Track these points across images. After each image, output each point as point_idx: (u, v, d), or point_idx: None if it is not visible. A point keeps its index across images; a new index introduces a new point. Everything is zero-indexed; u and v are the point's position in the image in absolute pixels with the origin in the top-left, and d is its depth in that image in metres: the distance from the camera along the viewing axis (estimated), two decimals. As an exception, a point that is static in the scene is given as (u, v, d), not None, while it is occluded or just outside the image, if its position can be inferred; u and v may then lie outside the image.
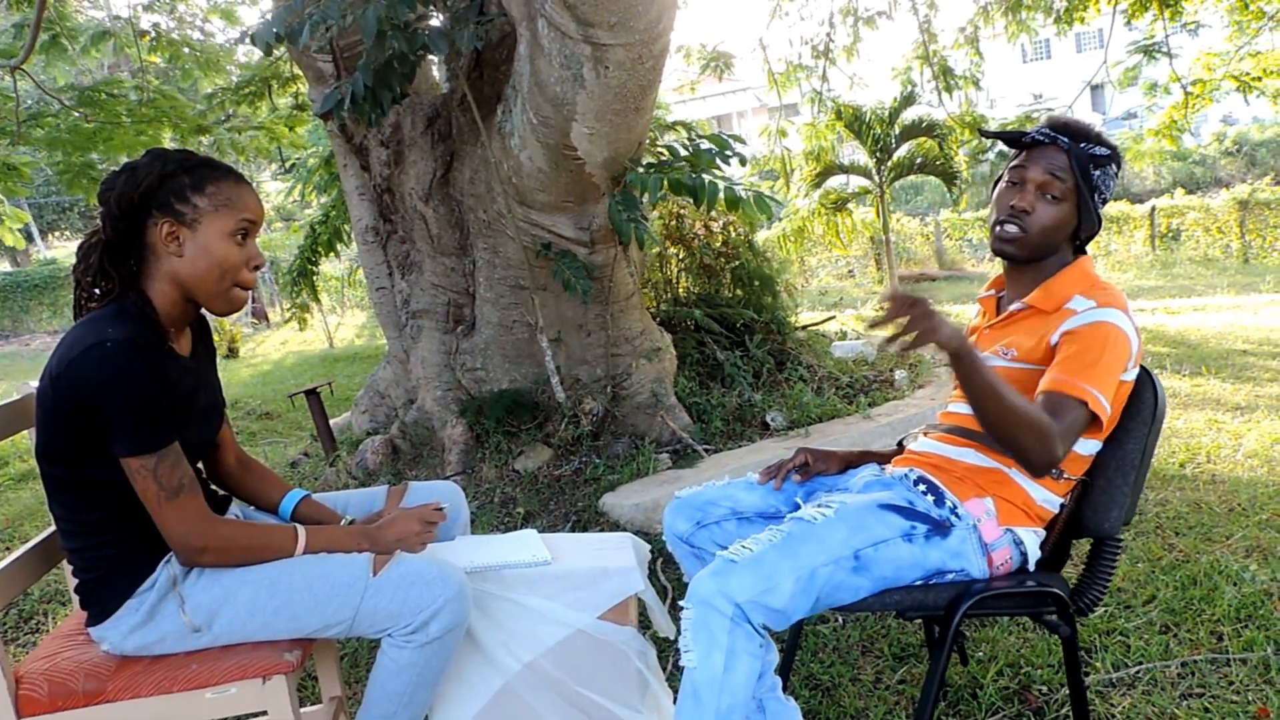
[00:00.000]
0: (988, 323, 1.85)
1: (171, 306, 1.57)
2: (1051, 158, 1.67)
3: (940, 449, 1.79)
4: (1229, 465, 3.68)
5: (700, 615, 1.49)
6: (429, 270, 4.29)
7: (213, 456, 1.84)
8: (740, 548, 1.55)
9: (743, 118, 33.71)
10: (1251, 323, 7.89)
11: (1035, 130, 1.71)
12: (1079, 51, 29.07)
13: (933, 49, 8.16)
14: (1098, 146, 1.67)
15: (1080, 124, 1.70)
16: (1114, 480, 1.68)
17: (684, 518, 1.91)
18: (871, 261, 18.06)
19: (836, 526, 1.57)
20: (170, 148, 1.75)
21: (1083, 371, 1.56)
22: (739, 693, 1.47)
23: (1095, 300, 1.63)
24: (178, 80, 7.80)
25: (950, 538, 1.62)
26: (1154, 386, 1.68)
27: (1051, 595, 1.67)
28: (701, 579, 1.52)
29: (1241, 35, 9.54)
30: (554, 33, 3.17)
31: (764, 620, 1.50)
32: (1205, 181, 23.09)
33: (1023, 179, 1.70)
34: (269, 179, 21.35)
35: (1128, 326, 1.61)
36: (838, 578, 1.54)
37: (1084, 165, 1.66)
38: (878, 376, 5.15)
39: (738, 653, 1.47)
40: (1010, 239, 1.71)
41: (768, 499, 1.91)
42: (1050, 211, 1.68)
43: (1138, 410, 1.68)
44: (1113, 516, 1.68)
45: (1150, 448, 1.69)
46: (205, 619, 1.54)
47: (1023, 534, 1.68)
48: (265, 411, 7.49)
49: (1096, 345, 1.58)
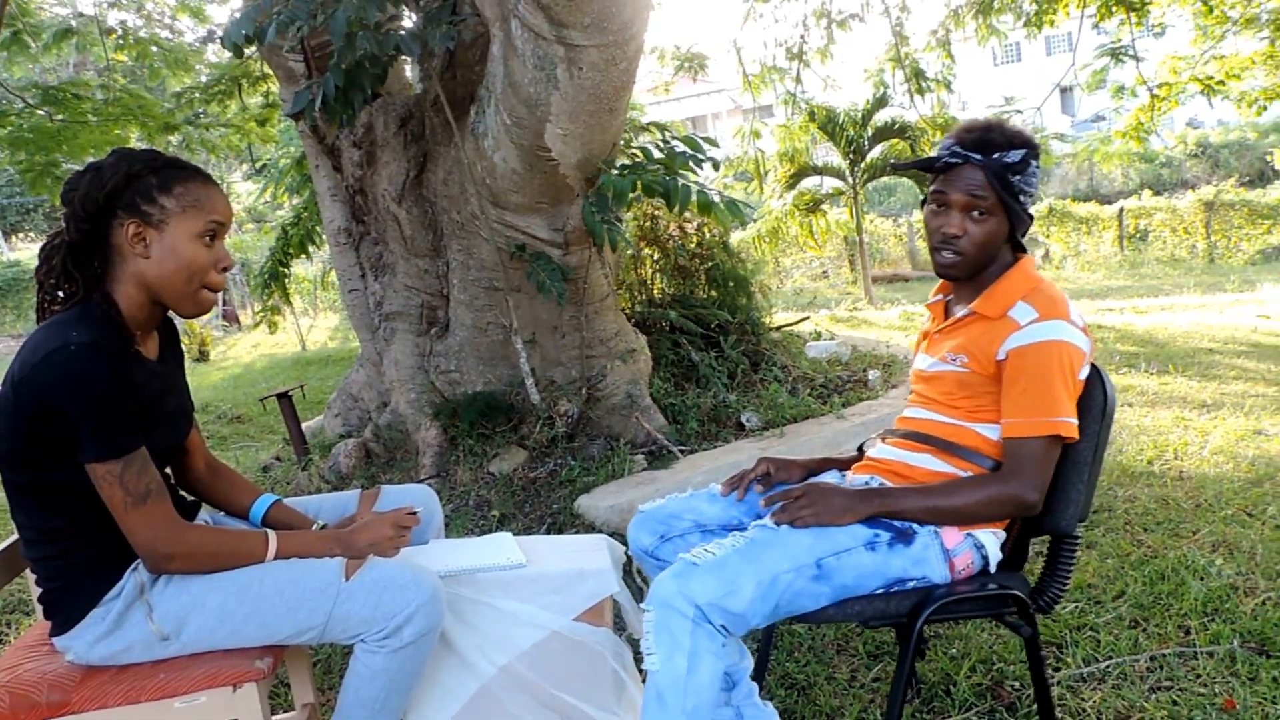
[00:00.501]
0: (937, 327, 1.86)
1: (137, 309, 1.55)
2: (968, 177, 1.65)
3: (899, 455, 1.81)
4: (1196, 462, 3.73)
5: (661, 617, 1.49)
6: (402, 272, 4.25)
7: (181, 461, 1.81)
8: (703, 551, 1.56)
9: (717, 119, 33.78)
10: (1217, 322, 8.02)
11: (945, 153, 1.69)
12: (1049, 55, 29.40)
13: (905, 51, 8.22)
14: (1010, 152, 1.64)
15: (990, 132, 1.67)
16: (1069, 479, 1.69)
17: (648, 531, 1.91)
18: (845, 262, 18.17)
19: (800, 534, 1.59)
20: (137, 148, 1.72)
21: (1042, 407, 1.58)
22: (704, 693, 1.47)
23: (1037, 310, 1.62)
24: (145, 79, 7.70)
25: (913, 545, 1.63)
26: (1103, 384, 1.69)
27: (1012, 597, 1.69)
28: (662, 581, 1.52)
29: (1206, 39, 9.70)
30: (527, 33, 3.16)
31: (723, 622, 1.50)
32: (1172, 183, 23.44)
33: (945, 202, 1.69)
34: (240, 179, 21.13)
35: (1074, 336, 1.61)
36: (798, 584, 1.55)
37: (1001, 176, 1.64)
38: (851, 377, 5.18)
39: (700, 653, 1.47)
40: (950, 264, 1.72)
41: (730, 510, 1.90)
42: (980, 229, 1.67)
43: (1088, 408, 1.69)
44: (1069, 514, 1.69)
45: (1102, 444, 1.70)
46: (174, 627, 1.52)
47: (983, 537, 1.69)
48: (236, 415, 7.41)
49: (1047, 372, 1.59)
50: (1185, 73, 9.68)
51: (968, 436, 1.71)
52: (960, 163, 1.66)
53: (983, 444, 1.69)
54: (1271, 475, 3.45)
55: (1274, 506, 3.10)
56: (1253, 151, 23.21)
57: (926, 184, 11.52)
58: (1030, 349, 1.60)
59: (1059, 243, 19.35)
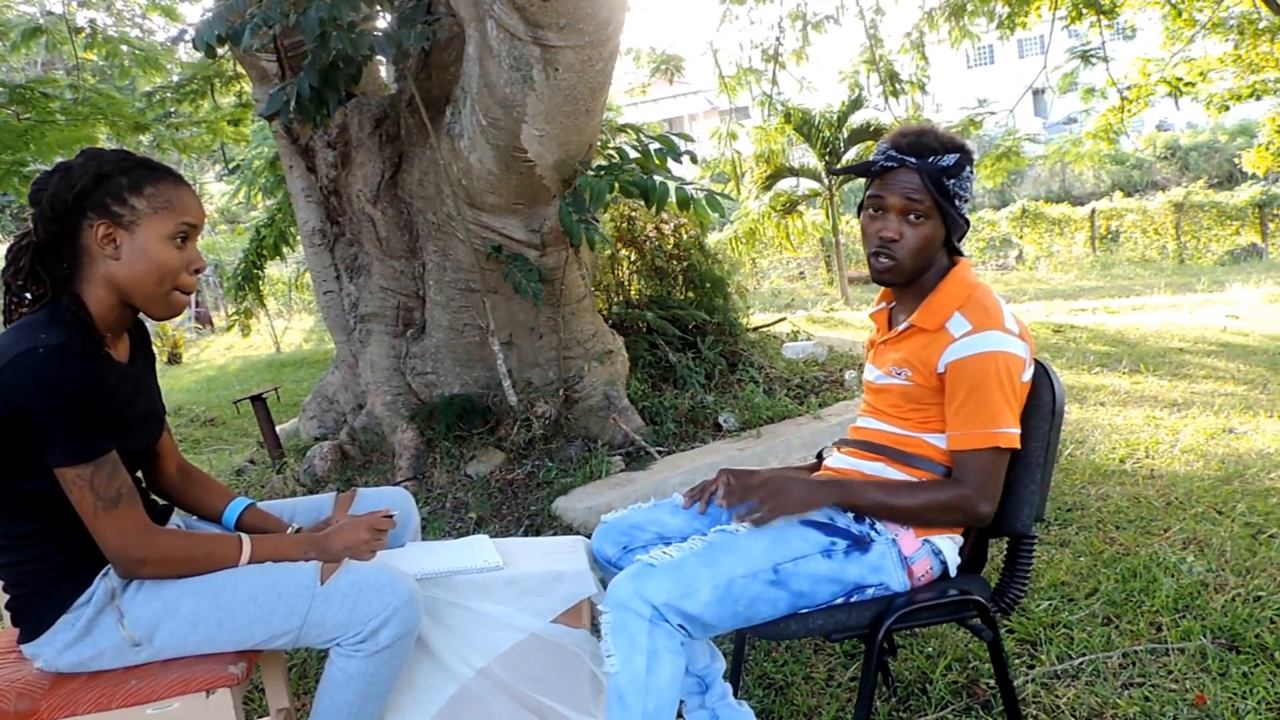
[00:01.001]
0: (882, 338, 1.86)
1: (107, 311, 1.53)
2: (904, 181, 1.66)
3: (854, 464, 1.81)
4: (1167, 460, 3.78)
5: (618, 619, 1.49)
6: (378, 273, 4.23)
7: (153, 465, 1.79)
8: (661, 553, 1.57)
9: (694, 120, 33.85)
10: (1187, 321, 8.14)
11: (881, 155, 1.69)
12: (1021, 57, 29.68)
13: (879, 54, 8.27)
14: (944, 156, 1.65)
15: (924, 136, 1.68)
16: (1022, 480, 1.70)
17: (610, 542, 1.90)
18: (822, 263, 18.28)
19: (758, 539, 1.59)
20: (107, 147, 1.70)
21: (982, 419, 1.59)
22: (665, 692, 1.47)
23: (971, 323, 1.62)
24: (115, 78, 7.61)
25: (870, 552, 1.64)
26: (1051, 384, 1.70)
27: (972, 602, 1.69)
28: (619, 582, 1.52)
29: (1175, 42, 9.84)
30: (503, 34, 3.15)
31: (681, 624, 1.51)
32: (1142, 185, 23.77)
33: (882, 206, 1.69)
34: (212, 180, 20.92)
35: (1009, 344, 1.61)
36: (754, 589, 1.55)
37: (936, 179, 1.64)
38: (828, 377, 5.20)
39: (659, 653, 1.48)
40: (886, 269, 1.72)
41: (693, 522, 1.90)
42: (916, 233, 1.67)
43: (1037, 408, 1.70)
44: (1024, 515, 1.70)
45: (1054, 444, 1.71)
46: (145, 633, 1.50)
47: (940, 543, 1.69)
48: (210, 418, 7.34)
49: (985, 384, 1.59)
50: (1155, 74, 9.84)
51: (919, 446, 1.72)
52: (895, 166, 1.67)
53: (935, 453, 1.70)
54: (1240, 473, 3.50)
55: (1243, 504, 3.15)
56: (1221, 154, 23.58)
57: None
58: (966, 362, 1.61)
59: (1032, 244, 19.55)
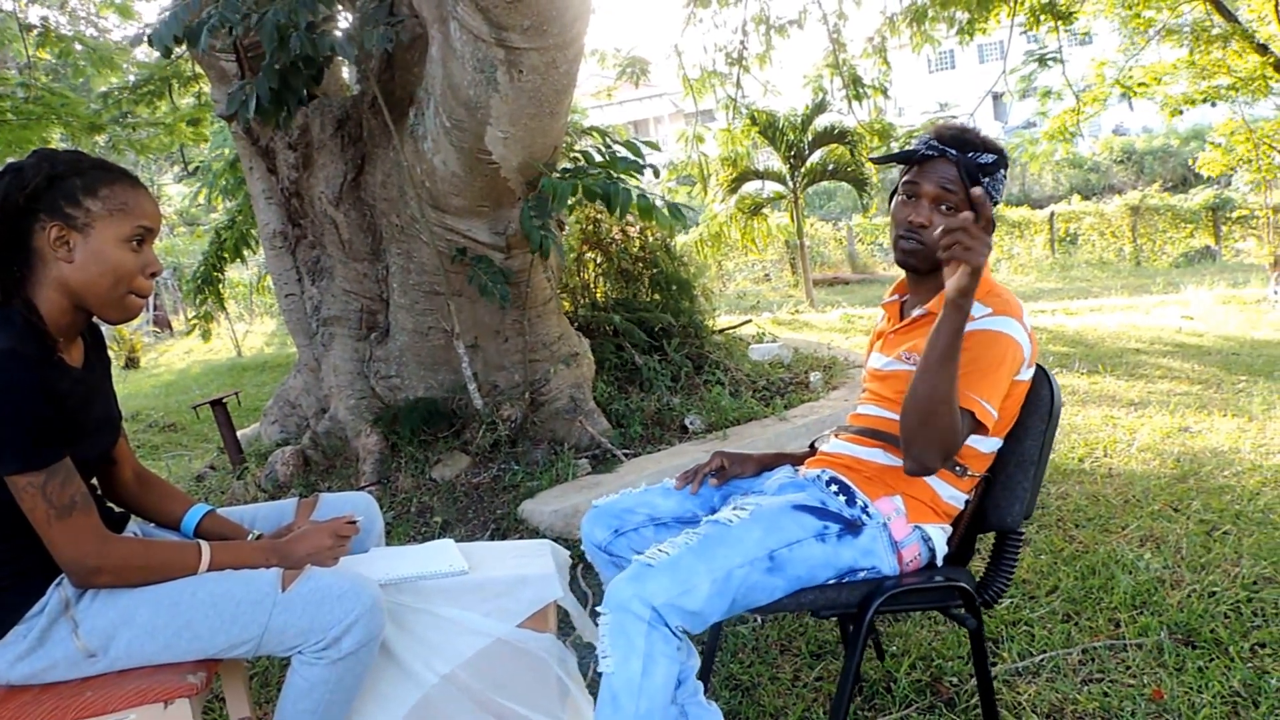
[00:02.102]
0: (892, 327, 1.88)
1: (60, 314, 1.49)
2: (942, 171, 1.70)
3: (851, 449, 1.83)
4: (1124, 459, 3.85)
5: (617, 620, 1.49)
6: (340, 276, 4.18)
7: (108, 472, 1.75)
8: (656, 551, 1.56)
9: (659, 123, 33.91)
10: (1144, 323, 8.30)
11: (923, 145, 1.73)
12: (981, 62, 30.13)
13: (842, 58, 8.34)
14: (984, 154, 1.70)
15: (966, 133, 1.73)
16: (1014, 476, 1.73)
17: (602, 526, 1.91)
18: (787, 266, 18.38)
19: (751, 528, 1.60)
20: (60, 148, 1.67)
21: (974, 383, 1.59)
22: (657, 696, 1.47)
23: (991, 308, 1.66)
24: (69, 77, 7.46)
25: (862, 536, 1.66)
26: (1050, 385, 1.74)
27: (959, 589, 1.72)
28: (618, 584, 1.52)
29: (1130, 46, 10.05)
30: (466, 35, 3.13)
31: (681, 623, 1.51)
32: (1099, 188, 24.20)
33: (917, 193, 1.73)
34: (171, 182, 20.60)
35: (1020, 335, 1.65)
36: (753, 578, 1.56)
37: (973, 174, 1.68)
38: (793, 378, 5.23)
39: (655, 656, 1.48)
40: (911, 252, 1.75)
41: (685, 504, 1.92)
42: (945, 223, 1.68)
43: (1035, 408, 1.74)
44: (1014, 511, 1.73)
45: (1048, 444, 1.74)
46: (100, 643, 1.46)
47: (930, 531, 1.72)
48: (169, 424, 7.21)
49: (987, 355, 1.61)
50: (1110, 77, 10.04)
51: None
52: (936, 156, 1.71)
53: None
54: (1195, 471, 3.57)
55: (1198, 501, 3.21)
56: (1175, 158, 24.08)
57: (869, 192, 11.71)
58: (980, 333, 1.62)
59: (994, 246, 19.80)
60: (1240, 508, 3.12)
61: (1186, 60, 10.00)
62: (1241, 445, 3.89)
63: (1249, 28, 9.18)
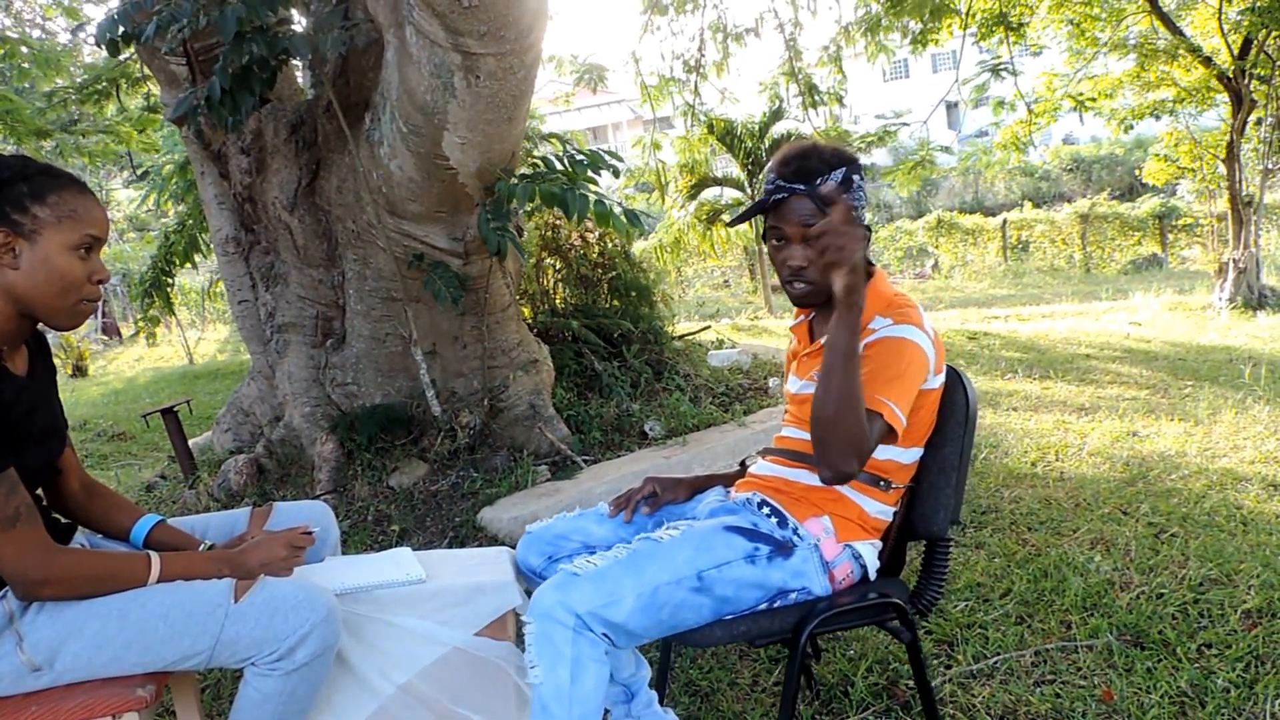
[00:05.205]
0: (805, 350, 1.88)
1: (5, 322, 1.46)
2: (798, 208, 1.67)
3: (778, 471, 1.84)
4: (1075, 463, 3.92)
5: (542, 629, 1.49)
6: (295, 282, 4.13)
7: (54, 482, 1.72)
8: (585, 562, 1.56)
9: (618, 130, 33.99)
10: (1093, 328, 8.47)
11: (771, 188, 1.71)
12: (935, 72, 30.59)
13: (798, 66, 8.42)
14: (830, 175, 1.67)
15: (808, 160, 1.68)
16: (937, 484, 1.75)
17: (535, 552, 1.89)
18: (746, 272, 18.50)
19: (682, 546, 1.60)
20: (5, 153, 1.63)
21: (880, 388, 1.59)
22: (589, 701, 1.47)
23: (891, 318, 1.66)
24: (13, 79, 7.28)
25: (793, 558, 1.66)
26: (965, 389, 1.74)
27: (892, 604, 1.73)
28: (543, 592, 1.51)
29: (1079, 60, 10.29)
30: (423, 40, 3.11)
31: (606, 633, 1.51)
32: (1050, 196, 24.70)
33: (783, 236, 1.71)
34: (120, 186, 20.17)
35: (922, 340, 1.65)
36: (679, 596, 1.56)
37: (828, 200, 1.67)
38: (752, 384, 5.27)
39: (583, 662, 1.48)
40: (803, 294, 1.75)
41: (618, 531, 1.91)
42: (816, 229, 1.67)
43: (951, 413, 1.75)
44: (940, 518, 1.75)
45: (968, 448, 1.76)
46: (46, 657, 1.43)
47: (860, 548, 1.73)
48: (118, 432, 7.06)
49: (892, 360, 1.61)
50: (1060, 90, 10.26)
51: None
52: (786, 197, 1.68)
53: None
54: (1144, 474, 3.65)
55: (1146, 504, 3.29)
56: (1123, 166, 24.67)
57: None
58: (881, 341, 1.63)
59: (947, 253, 20.13)
60: (1187, 510, 3.20)
61: (1133, 73, 10.26)
62: (1188, 449, 3.98)
63: (1193, 40, 9.43)
